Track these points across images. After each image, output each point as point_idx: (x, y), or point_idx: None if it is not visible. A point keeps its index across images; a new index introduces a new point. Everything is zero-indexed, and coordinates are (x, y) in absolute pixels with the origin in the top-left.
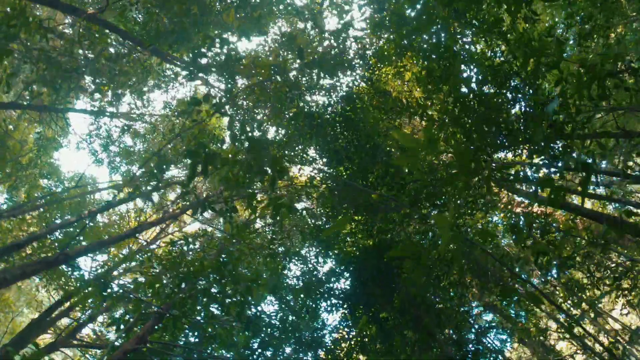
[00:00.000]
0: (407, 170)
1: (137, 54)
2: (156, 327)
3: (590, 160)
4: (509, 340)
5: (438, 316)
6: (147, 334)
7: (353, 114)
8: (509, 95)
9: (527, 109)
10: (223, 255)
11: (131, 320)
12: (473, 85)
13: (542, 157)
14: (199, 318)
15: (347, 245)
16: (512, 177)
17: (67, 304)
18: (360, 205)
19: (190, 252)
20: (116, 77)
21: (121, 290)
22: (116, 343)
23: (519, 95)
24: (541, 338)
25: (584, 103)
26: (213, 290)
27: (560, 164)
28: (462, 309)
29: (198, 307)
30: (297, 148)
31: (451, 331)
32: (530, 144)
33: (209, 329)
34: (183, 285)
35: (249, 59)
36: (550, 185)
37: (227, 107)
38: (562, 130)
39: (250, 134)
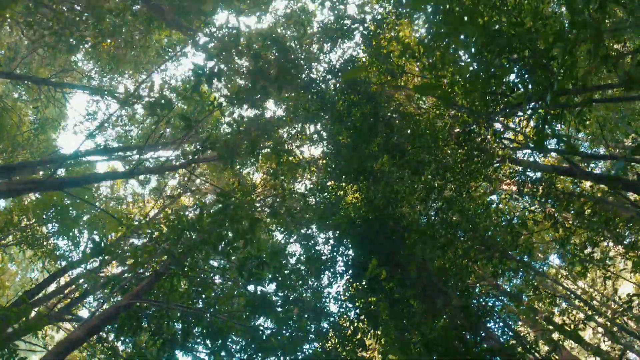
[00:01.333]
0: (409, 133)
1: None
2: (153, 288)
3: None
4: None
5: (444, 284)
6: (143, 292)
7: (356, 74)
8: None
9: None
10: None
11: (126, 278)
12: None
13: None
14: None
15: (350, 211)
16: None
17: (62, 282)
18: (361, 172)
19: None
20: (117, 31)
21: (119, 251)
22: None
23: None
24: (550, 308)
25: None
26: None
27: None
28: (468, 279)
29: (198, 260)
30: (297, 126)
31: (457, 297)
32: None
33: (208, 287)
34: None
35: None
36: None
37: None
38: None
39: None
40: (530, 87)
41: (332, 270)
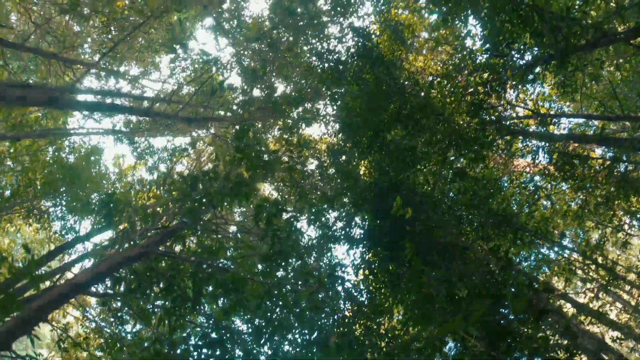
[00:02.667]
0: (421, 102)
1: None
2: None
3: None
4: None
5: (461, 254)
6: (153, 245)
7: (368, 43)
8: None
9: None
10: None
11: (136, 232)
12: None
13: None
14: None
15: (363, 178)
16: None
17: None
18: (374, 142)
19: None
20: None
21: (130, 208)
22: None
23: None
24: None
25: None
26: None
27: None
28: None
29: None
30: (307, 105)
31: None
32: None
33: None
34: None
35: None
36: None
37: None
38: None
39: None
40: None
41: (345, 242)
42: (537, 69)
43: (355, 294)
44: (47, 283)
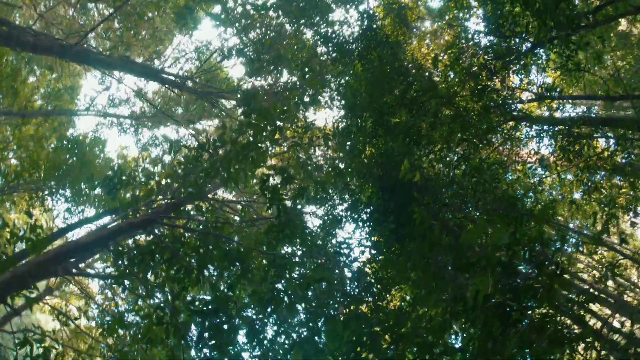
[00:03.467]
0: (425, 85)
1: None
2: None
3: None
4: None
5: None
6: (157, 216)
7: (373, 24)
8: None
9: None
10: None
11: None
12: None
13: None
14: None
15: (368, 162)
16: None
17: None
18: (379, 126)
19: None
20: None
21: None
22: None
23: None
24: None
25: None
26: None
27: None
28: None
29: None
30: (310, 92)
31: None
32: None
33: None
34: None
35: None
36: None
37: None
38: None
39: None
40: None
41: (351, 221)
42: (540, 51)
43: (362, 274)
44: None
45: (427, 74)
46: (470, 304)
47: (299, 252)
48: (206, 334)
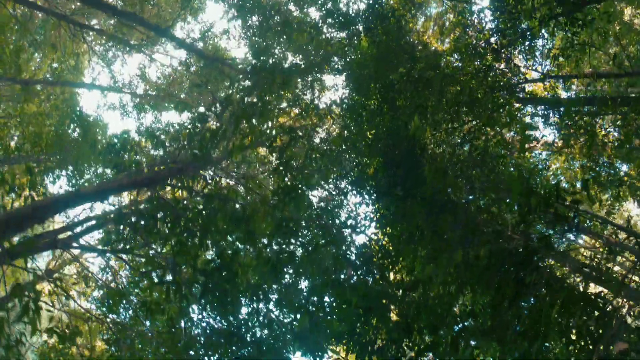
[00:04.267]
0: (431, 63)
1: None
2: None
3: None
4: None
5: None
6: (161, 177)
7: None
8: None
9: None
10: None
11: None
12: None
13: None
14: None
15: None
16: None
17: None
18: (384, 103)
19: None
20: None
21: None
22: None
23: None
24: None
25: None
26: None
27: None
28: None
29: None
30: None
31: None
32: None
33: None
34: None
35: None
36: None
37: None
38: None
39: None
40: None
41: (356, 193)
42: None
43: (367, 248)
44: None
45: (433, 48)
46: (484, 262)
47: (306, 216)
48: (209, 295)
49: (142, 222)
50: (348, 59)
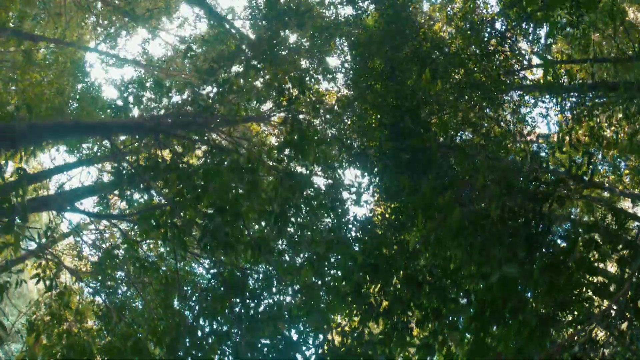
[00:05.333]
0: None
1: None
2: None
3: None
4: None
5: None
6: (164, 126)
7: None
8: None
9: None
10: None
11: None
12: None
13: None
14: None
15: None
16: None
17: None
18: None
19: None
20: None
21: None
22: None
23: None
24: None
25: None
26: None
27: None
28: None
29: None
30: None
31: None
32: None
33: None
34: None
35: None
36: None
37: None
38: None
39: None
40: None
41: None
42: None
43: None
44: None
45: (441, 24)
46: (495, 214)
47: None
48: (209, 237)
49: (142, 170)
50: (354, 37)
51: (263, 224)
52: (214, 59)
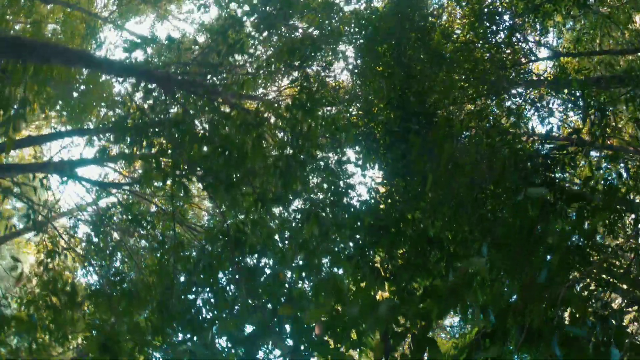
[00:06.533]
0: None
1: None
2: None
3: None
4: None
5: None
6: (174, 79)
7: None
8: None
9: None
10: None
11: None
12: None
13: None
14: None
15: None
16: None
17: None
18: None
19: None
20: None
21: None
22: None
23: None
24: None
25: None
26: None
27: None
28: None
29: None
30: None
31: None
32: None
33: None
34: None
35: None
36: None
37: None
38: None
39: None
40: None
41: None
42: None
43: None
44: None
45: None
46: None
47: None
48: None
49: (148, 120)
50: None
51: (267, 179)
52: (226, 17)
